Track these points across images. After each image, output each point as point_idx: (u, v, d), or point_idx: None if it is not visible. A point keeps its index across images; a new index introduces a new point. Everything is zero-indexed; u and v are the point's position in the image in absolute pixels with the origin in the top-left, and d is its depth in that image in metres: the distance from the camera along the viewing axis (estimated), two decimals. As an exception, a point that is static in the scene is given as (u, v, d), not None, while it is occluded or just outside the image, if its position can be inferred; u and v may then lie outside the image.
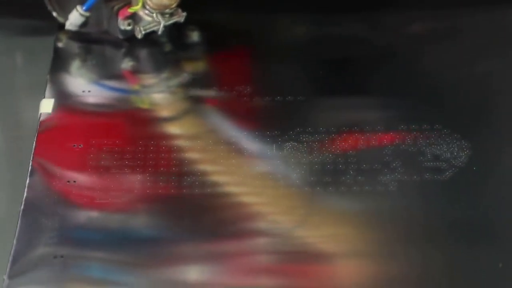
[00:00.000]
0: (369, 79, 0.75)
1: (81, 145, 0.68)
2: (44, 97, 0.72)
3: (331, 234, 0.62)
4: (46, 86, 0.73)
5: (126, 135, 0.69)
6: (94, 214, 0.63)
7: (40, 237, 0.61)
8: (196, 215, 0.63)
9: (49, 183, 0.65)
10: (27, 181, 0.64)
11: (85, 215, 0.63)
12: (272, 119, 0.71)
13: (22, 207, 0.63)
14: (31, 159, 0.66)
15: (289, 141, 0.68)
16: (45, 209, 0.63)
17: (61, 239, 0.61)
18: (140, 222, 0.62)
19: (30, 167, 0.65)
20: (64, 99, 0.72)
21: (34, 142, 0.67)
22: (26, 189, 0.64)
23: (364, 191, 0.64)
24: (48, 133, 0.69)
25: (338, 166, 0.66)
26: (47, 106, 0.71)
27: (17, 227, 0.61)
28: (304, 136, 0.69)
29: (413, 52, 0.78)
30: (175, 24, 0.78)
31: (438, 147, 0.67)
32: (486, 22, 0.82)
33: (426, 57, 0.78)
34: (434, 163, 0.66)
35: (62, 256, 0.60)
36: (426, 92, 0.73)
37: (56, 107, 0.71)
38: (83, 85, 0.74)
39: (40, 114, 0.70)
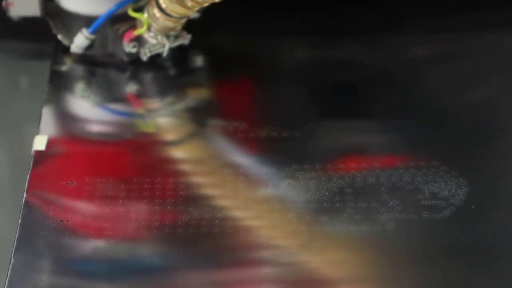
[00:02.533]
0: (369, 102, 0.76)
1: (75, 183, 0.67)
2: (37, 133, 0.71)
3: (335, 259, 0.62)
4: (40, 121, 0.72)
5: (128, 162, 0.70)
6: (93, 245, 0.62)
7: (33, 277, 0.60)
8: (199, 242, 0.63)
9: (42, 222, 0.64)
10: (19, 221, 0.63)
11: (84, 248, 0.62)
12: (274, 144, 0.71)
13: (14, 246, 0.62)
14: (24, 197, 0.65)
15: (291, 164, 0.69)
16: (38, 247, 0.62)
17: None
18: (141, 251, 0.62)
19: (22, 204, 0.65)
20: (59, 133, 0.73)
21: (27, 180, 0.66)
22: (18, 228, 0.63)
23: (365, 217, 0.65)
24: (41, 170, 0.68)
25: (343, 187, 0.67)
26: (40, 143, 0.70)
27: (9, 267, 0.60)
28: (307, 159, 0.69)
29: (413, 75, 0.79)
30: (179, 48, 0.79)
31: (436, 185, 0.67)
32: (488, 46, 0.82)
33: (426, 81, 0.78)
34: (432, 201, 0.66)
35: None
36: (427, 117, 0.74)
37: (54, 136, 0.71)
38: (80, 116, 0.74)
39: (34, 151, 0.69)
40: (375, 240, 0.63)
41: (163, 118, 0.75)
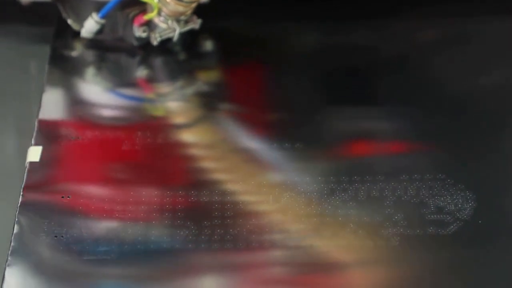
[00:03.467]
0: (378, 87, 0.76)
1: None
2: (32, 144, 0.69)
3: (345, 243, 0.62)
4: (34, 131, 0.71)
5: (138, 143, 0.70)
6: (103, 226, 0.63)
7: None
8: (209, 224, 0.63)
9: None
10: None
11: (95, 228, 0.63)
12: (285, 128, 0.71)
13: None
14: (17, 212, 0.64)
15: (301, 150, 0.69)
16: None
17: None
18: (151, 233, 0.63)
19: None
20: (66, 117, 0.73)
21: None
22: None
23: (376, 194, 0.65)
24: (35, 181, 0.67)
25: (354, 172, 0.66)
26: (34, 154, 0.68)
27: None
28: (317, 144, 0.70)
29: (422, 60, 0.79)
30: (189, 32, 0.79)
31: (442, 198, 0.66)
32: (500, 30, 0.82)
33: (435, 66, 0.78)
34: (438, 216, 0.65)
35: None
36: (435, 104, 0.74)
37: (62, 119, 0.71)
38: (89, 101, 0.74)
39: (28, 163, 0.68)
40: (384, 226, 0.63)
41: (173, 102, 0.75)
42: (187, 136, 0.72)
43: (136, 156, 0.69)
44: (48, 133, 0.71)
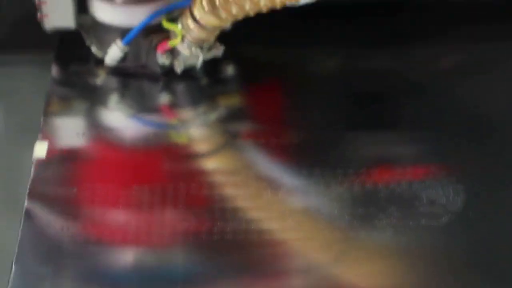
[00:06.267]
0: (398, 113, 0.77)
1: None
2: (38, 139, 0.71)
3: (369, 270, 0.63)
4: (40, 127, 0.73)
5: (161, 170, 0.71)
6: (126, 253, 0.64)
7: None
8: (232, 252, 0.63)
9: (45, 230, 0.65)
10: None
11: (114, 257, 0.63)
12: (306, 154, 0.72)
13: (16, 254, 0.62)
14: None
15: (322, 175, 0.69)
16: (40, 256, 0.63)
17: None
18: (173, 260, 0.63)
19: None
20: (93, 142, 0.74)
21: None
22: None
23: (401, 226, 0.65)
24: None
25: (375, 198, 0.67)
26: (41, 150, 0.70)
27: (10, 275, 0.61)
28: (339, 170, 0.70)
29: (443, 86, 0.79)
30: (211, 58, 0.80)
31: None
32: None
33: (455, 92, 0.78)
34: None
35: None
36: (456, 128, 0.74)
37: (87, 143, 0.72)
38: (113, 127, 0.75)
39: (34, 159, 0.69)
40: (409, 251, 0.64)
41: (196, 128, 0.76)
42: (210, 163, 0.72)
43: (159, 181, 0.69)
44: (72, 155, 0.72)
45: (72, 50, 0.82)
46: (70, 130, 0.75)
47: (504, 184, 0.69)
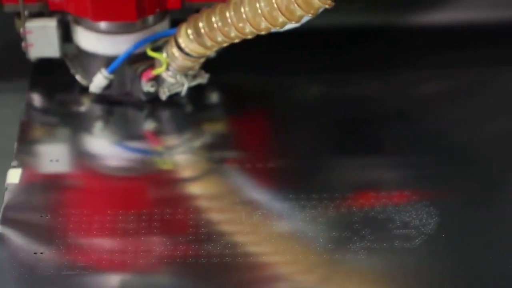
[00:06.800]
0: (381, 139, 0.77)
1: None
2: (11, 166, 0.71)
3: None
4: (14, 153, 0.73)
5: (146, 196, 0.71)
6: (117, 279, 0.63)
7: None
8: (218, 276, 0.63)
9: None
10: None
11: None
12: (291, 179, 0.72)
13: None
14: None
15: (308, 200, 0.70)
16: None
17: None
18: (160, 284, 0.63)
19: None
20: (75, 169, 0.74)
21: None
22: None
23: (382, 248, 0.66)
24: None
25: (364, 222, 0.67)
26: (14, 176, 0.71)
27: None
28: (323, 195, 0.70)
29: (425, 111, 0.80)
30: (196, 85, 0.80)
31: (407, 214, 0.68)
32: (502, 82, 0.83)
33: (438, 117, 0.79)
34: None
35: None
36: (438, 153, 0.75)
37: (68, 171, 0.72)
38: (97, 154, 0.76)
39: (7, 185, 0.70)
40: (392, 273, 0.64)
41: (180, 155, 0.76)
42: (195, 189, 0.72)
43: (144, 207, 0.69)
44: (55, 183, 0.72)
45: (49, 76, 0.82)
46: (47, 157, 0.75)
47: (477, 207, 0.69)
